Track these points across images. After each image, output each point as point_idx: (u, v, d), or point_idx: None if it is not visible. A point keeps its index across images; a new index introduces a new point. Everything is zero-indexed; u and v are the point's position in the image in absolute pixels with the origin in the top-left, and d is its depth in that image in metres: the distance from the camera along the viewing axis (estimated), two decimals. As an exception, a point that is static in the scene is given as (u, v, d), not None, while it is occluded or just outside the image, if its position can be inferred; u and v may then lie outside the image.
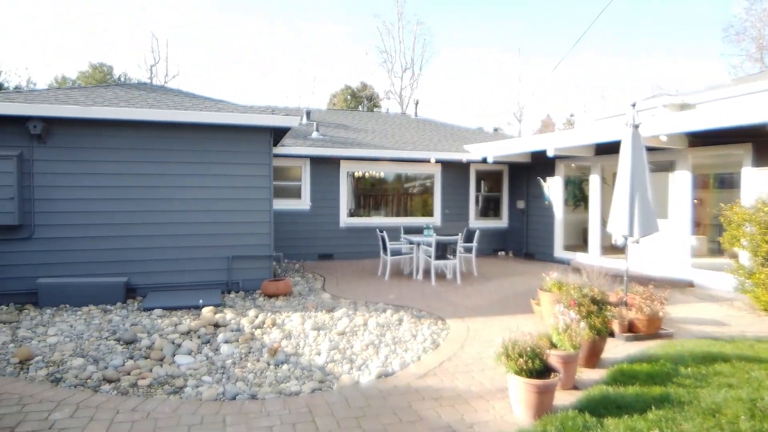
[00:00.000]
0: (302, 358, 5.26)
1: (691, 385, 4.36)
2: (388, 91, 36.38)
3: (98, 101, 8.00)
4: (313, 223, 12.31)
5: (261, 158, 8.48)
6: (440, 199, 13.43)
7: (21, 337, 5.79)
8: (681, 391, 4.21)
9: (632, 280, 8.64)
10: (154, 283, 7.98)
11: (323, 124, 14.41)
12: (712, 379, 4.48)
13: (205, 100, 9.12)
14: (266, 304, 7.59)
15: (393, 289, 8.77)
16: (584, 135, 10.30)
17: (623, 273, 6.68)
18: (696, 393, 4.17)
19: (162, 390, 4.42)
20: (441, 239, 9.31)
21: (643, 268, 9.88)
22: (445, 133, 15.30)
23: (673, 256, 9.50)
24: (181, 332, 5.99)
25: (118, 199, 7.82)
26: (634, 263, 10.15)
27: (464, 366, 5.01)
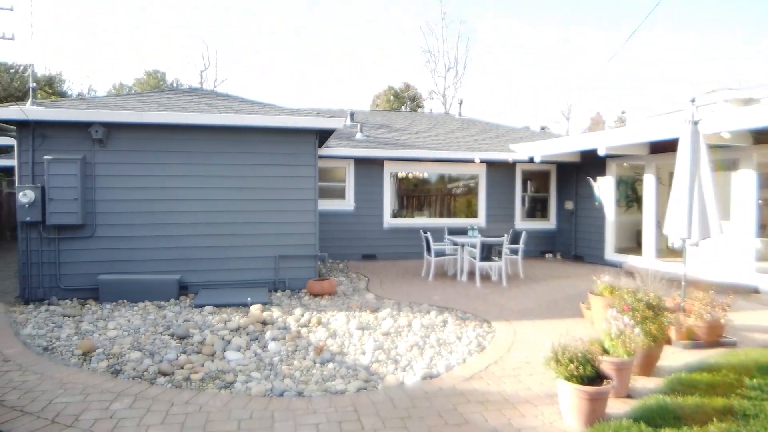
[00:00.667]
0: (347, 358, 5.31)
1: (757, 397, 4.10)
2: (431, 91, 36.23)
3: (153, 106, 8.37)
4: (357, 223, 12.41)
5: (307, 159, 8.62)
6: (485, 200, 13.23)
7: (84, 330, 6.13)
8: (746, 403, 3.97)
9: (690, 285, 8.22)
10: (204, 280, 8.26)
11: (367, 125, 14.50)
12: (781, 392, 4.19)
13: (253, 103, 9.37)
14: (311, 303, 7.70)
15: (437, 291, 8.71)
16: (638, 133, 9.89)
17: (680, 277, 6.36)
18: (762, 406, 3.91)
19: (213, 384, 4.57)
20: (486, 240, 9.17)
21: (702, 273, 9.37)
22: (489, 132, 15.07)
23: (735, 260, 8.96)
24: (230, 329, 6.17)
25: (172, 200, 8.15)
26: (692, 267, 9.65)
27: (511, 370, 4.91)
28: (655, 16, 43.58)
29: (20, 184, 7.57)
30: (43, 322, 6.45)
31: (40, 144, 7.66)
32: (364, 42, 50.49)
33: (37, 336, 5.85)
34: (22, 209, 7.49)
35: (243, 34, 49.09)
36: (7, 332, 5.95)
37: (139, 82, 35.29)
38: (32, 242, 7.65)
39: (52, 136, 7.70)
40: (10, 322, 6.42)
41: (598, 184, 12.04)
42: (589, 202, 12.32)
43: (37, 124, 7.58)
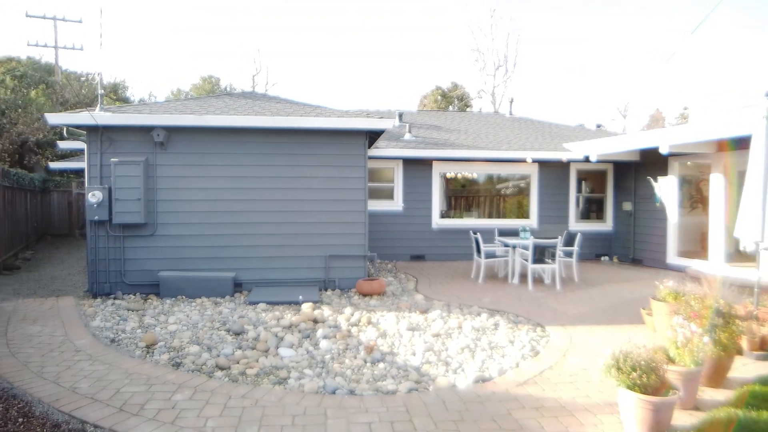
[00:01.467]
0: (397, 358, 5.30)
1: None
2: (480, 90, 35.70)
3: (210, 110, 8.68)
4: (405, 223, 12.39)
5: (357, 160, 8.69)
6: (537, 201, 12.88)
7: (146, 324, 6.43)
8: (832, 421, 3.64)
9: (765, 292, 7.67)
10: (258, 278, 8.48)
11: (415, 125, 14.46)
12: None
13: (304, 105, 9.54)
14: (361, 303, 7.75)
15: (487, 293, 8.56)
16: (704, 129, 9.32)
17: (752, 284, 5.95)
18: None
19: (268, 380, 4.67)
20: (539, 242, 8.92)
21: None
22: (542, 131, 14.67)
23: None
24: (283, 326, 6.30)
25: (227, 200, 8.43)
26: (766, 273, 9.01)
27: (567, 376, 4.74)
28: (721, 9, 41.22)
29: (89, 185, 8.05)
30: (109, 315, 6.83)
31: (107, 147, 8.11)
32: (411, 42, 50.47)
33: (105, 328, 6.19)
34: (91, 209, 7.96)
35: (292, 38, 50.25)
36: (78, 324, 6.34)
37: (195, 88, 36.80)
38: (100, 240, 8.12)
39: (118, 140, 8.14)
40: (81, 314, 6.83)
41: (660, 184, 11.45)
42: (650, 203, 11.74)
43: (105, 128, 8.03)
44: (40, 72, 24.36)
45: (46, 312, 6.96)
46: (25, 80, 23.07)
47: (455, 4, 48.47)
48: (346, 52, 52.06)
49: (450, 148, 12.53)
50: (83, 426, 3.65)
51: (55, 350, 5.32)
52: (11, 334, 5.86)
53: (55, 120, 7.98)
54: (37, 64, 25.91)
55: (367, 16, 50.91)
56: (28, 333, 5.93)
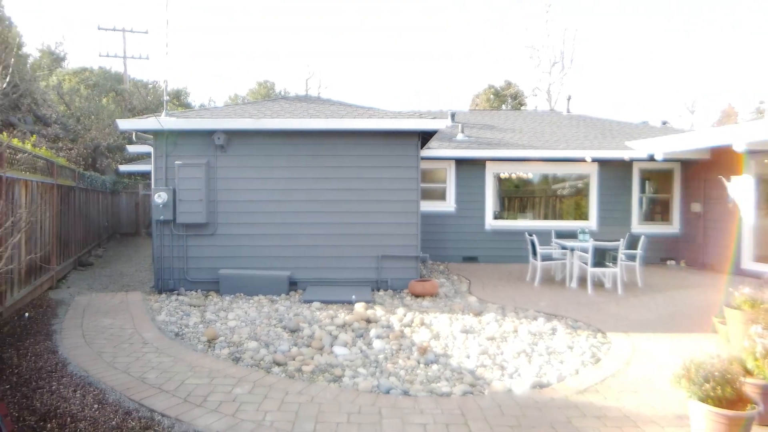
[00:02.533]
0: (451, 360, 5.23)
1: None
2: (534, 88, 34.81)
3: (267, 114, 8.94)
4: (457, 225, 12.25)
5: (409, 161, 8.68)
6: (597, 202, 12.38)
7: (207, 319, 6.70)
8: None
9: None
10: (312, 278, 8.64)
11: (468, 125, 14.27)
12: None
13: (357, 108, 9.64)
14: (413, 304, 7.73)
15: (544, 297, 8.30)
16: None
17: (844, 291, 5.42)
18: None
19: (323, 377, 4.74)
20: (599, 245, 8.57)
21: None
22: (602, 129, 14.09)
23: None
24: (337, 325, 6.38)
25: (283, 201, 8.64)
26: None
27: (631, 385, 4.52)
28: None
29: (155, 186, 8.49)
30: (173, 310, 7.16)
31: (171, 150, 8.52)
32: (463, 41, 49.93)
33: (169, 323, 6.50)
34: (156, 209, 8.39)
35: (343, 40, 50.98)
36: (145, 318, 6.69)
37: (252, 92, 38.04)
38: (164, 239, 8.54)
39: (181, 143, 8.53)
40: (147, 309, 7.21)
41: (733, 183, 10.71)
42: (721, 204, 11.00)
43: (169, 133, 8.45)
44: (110, 81, 25.98)
45: (117, 306, 7.39)
46: (97, 89, 24.70)
47: (509, 1, 47.56)
48: (396, 53, 52.26)
49: (504, 147, 12.28)
50: (152, 414, 3.84)
51: (125, 342, 5.63)
52: (86, 327, 6.26)
53: (125, 125, 8.48)
54: (108, 73, 27.67)
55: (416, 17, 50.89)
56: (100, 325, 6.32)
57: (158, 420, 3.75)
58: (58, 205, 9.26)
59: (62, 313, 6.93)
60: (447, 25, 50.65)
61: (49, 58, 28.26)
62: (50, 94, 19.80)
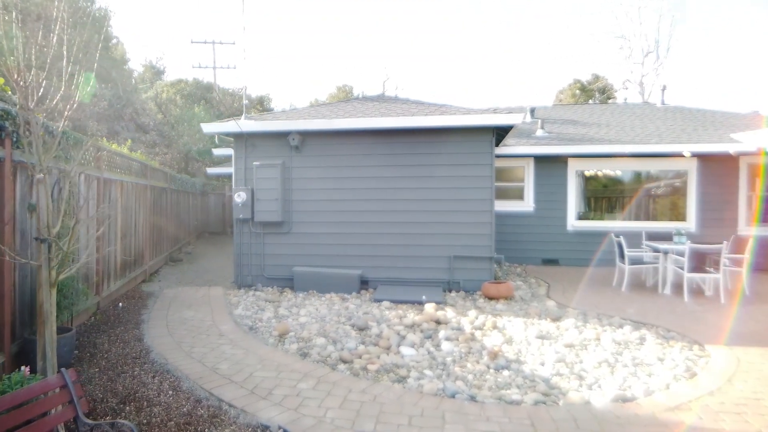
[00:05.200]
0: (524, 367, 4.92)
1: None
2: (625, 81, 32.65)
3: (340, 114, 9.05)
4: (536, 225, 11.67)
5: (483, 159, 8.37)
6: (696, 200, 11.22)
7: (280, 314, 6.86)
8: None
9: None
10: (383, 277, 8.60)
11: (549, 120, 13.58)
12: None
13: (429, 105, 9.48)
14: (486, 306, 7.42)
15: (632, 303, 7.63)
16: None
17: None
18: None
19: (387, 377, 4.64)
20: (697, 248, 7.73)
21: None
22: (702, 121, 12.78)
23: None
24: (405, 325, 6.27)
25: (355, 200, 8.68)
26: None
27: (732, 405, 3.96)
28: None
29: (236, 186, 8.88)
30: (250, 305, 7.43)
31: (250, 152, 8.88)
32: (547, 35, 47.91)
33: (245, 317, 6.74)
34: (236, 208, 8.77)
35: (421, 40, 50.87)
36: (223, 312, 6.99)
37: (331, 96, 39.09)
38: (243, 236, 8.91)
39: (259, 145, 8.86)
40: (226, 303, 7.53)
41: None
42: None
43: (248, 135, 8.81)
44: (202, 90, 27.86)
45: (199, 299, 7.80)
46: (191, 98, 26.59)
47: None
48: (475, 51, 51.26)
49: (587, 143, 11.52)
50: (220, 404, 3.95)
51: (203, 333, 5.90)
52: (170, 318, 6.65)
53: (209, 129, 8.95)
54: (200, 83, 29.72)
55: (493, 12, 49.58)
56: (183, 317, 6.68)
57: (225, 410, 3.85)
58: (151, 204, 9.99)
59: (151, 305, 7.43)
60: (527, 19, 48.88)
61: (150, 72, 30.94)
62: (149, 103, 21.59)
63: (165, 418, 3.68)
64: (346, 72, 54.23)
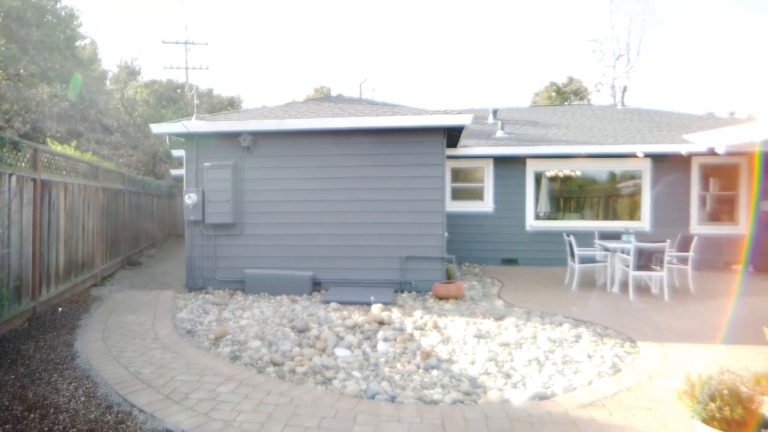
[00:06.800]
0: (454, 366, 4.93)
1: None
2: (598, 83, 33.21)
3: (293, 115, 8.99)
4: (496, 225, 11.75)
5: (434, 159, 8.39)
6: (650, 200, 11.42)
7: (223, 317, 6.77)
8: None
9: None
10: (336, 278, 8.56)
11: (511, 122, 13.70)
12: None
13: (383, 105, 9.49)
14: (435, 306, 7.43)
15: (579, 302, 7.72)
16: None
17: None
18: None
19: (313, 379, 4.60)
20: (642, 246, 7.86)
21: None
22: (658, 122, 13.02)
23: None
24: (347, 326, 6.23)
25: (309, 201, 8.63)
26: None
27: (648, 401, 4.02)
28: None
29: (187, 188, 8.76)
30: (196, 308, 7.31)
31: (202, 153, 8.77)
32: (524, 37, 48.42)
33: (187, 320, 6.63)
34: (187, 209, 8.65)
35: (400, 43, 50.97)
36: (167, 315, 6.86)
37: (308, 98, 38.97)
38: (195, 238, 8.79)
39: (210, 146, 8.76)
40: (172, 307, 7.41)
41: (808, 178, 9.50)
42: (795, 202, 9.80)
43: (198, 136, 8.70)
44: (174, 91, 27.52)
45: (147, 303, 7.66)
46: (163, 99, 26.25)
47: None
48: (453, 53, 51.55)
49: (545, 144, 11.65)
50: (131, 409, 3.86)
51: (138, 338, 5.78)
52: (110, 322, 6.51)
53: (158, 129, 8.82)
54: (174, 84, 29.34)
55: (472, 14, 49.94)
56: (123, 321, 6.55)
57: (135, 415, 3.76)
58: (103, 207, 9.79)
59: (94, 309, 7.27)
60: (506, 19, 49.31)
61: (125, 72, 30.48)
62: (115, 103, 21.23)
63: (68, 426, 3.58)
64: (324, 73, 54.09)
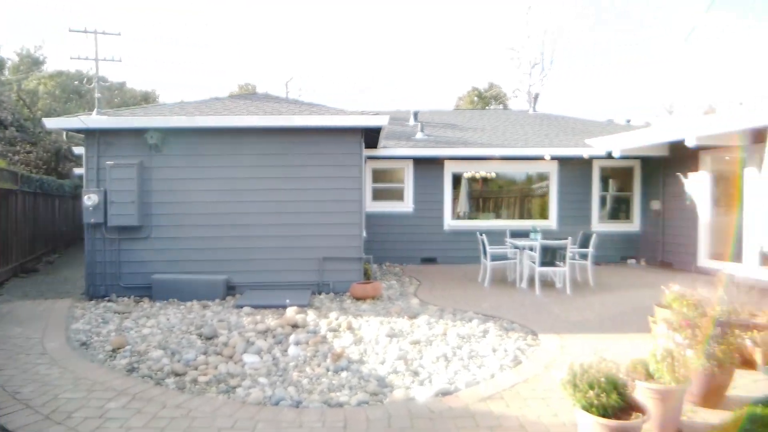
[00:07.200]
0: (364, 367, 4.93)
1: None
2: (515, 89, 34.85)
3: (207, 112, 8.62)
4: (416, 225, 11.98)
5: (352, 159, 8.39)
6: (556, 200, 12.16)
7: (124, 327, 6.35)
8: (844, 455, 3.02)
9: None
10: (252, 281, 8.31)
11: (431, 124, 14.03)
12: None
13: (300, 104, 9.37)
14: (351, 307, 7.43)
15: (490, 298, 8.04)
16: (735, 118, 8.46)
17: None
18: None
19: (216, 388, 4.42)
20: (546, 243, 8.33)
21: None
22: (565, 127, 13.90)
23: None
24: (259, 331, 6.05)
25: (223, 201, 8.31)
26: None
27: (542, 391, 4.24)
28: None
29: (86, 188, 8.12)
30: (94, 318, 6.80)
31: (104, 151, 8.17)
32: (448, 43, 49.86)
33: (82, 331, 6.14)
34: (87, 211, 8.03)
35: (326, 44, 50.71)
36: (59, 327, 6.32)
37: (233, 96, 37.72)
38: (96, 242, 8.18)
39: (114, 143, 8.19)
40: (68, 317, 6.84)
41: (690, 180, 10.53)
42: (679, 202, 10.83)
43: (100, 132, 8.10)
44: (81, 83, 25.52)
45: (39, 314, 7.01)
46: (68, 92, 24.22)
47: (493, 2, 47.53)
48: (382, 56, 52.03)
49: (462, 146, 12.04)
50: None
51: (23, 353, 5.28)
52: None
53: (51, 124, 8.13)
54: (83, 75, 27.18)
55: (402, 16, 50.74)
56: (7, 335, 5.94)
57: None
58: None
59: (-27, 323, 6.55)
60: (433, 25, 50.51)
61: (27, 62, 27.77)
62: (9, 95, 19.30)
63: None
64: (251, 71, 52.52)
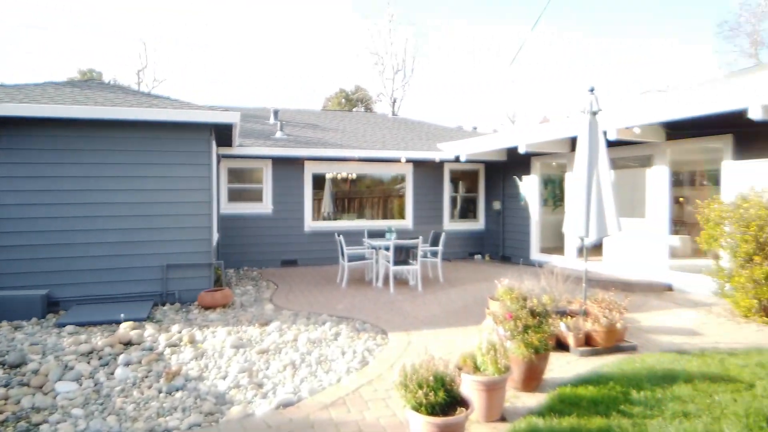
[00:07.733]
0: (203, 384, 4.58)
1: (640, 414, 3.67)
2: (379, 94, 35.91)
3: (19, 98, 7.36)
4: (275, 227, 11.65)
5: (200, 158, 7.82)
6: (412, 201, 12.74)
7: None
8: (625, 422, 3.52)
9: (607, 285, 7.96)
10: (82, 295, 7.31)
11: (292, 123, 13.77)
12: (666, 406, 3.79)
13: (141, 95, 8.50)
14: (198, 318, 6.91)
15: (346, 299, 8.09)
16: (556, 128, 9.61)
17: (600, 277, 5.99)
18: (644, 425, 3.48)
19: (14, 428, 3.74)
20: (400, 243, 8.63)
21: (620, 271, 9.17)
22: (419, 132, 14.63)
23: (650, 258, 8.79)
24: (81, 353, 5.31)
25: (47, 204, 7.16)
26: (610, 266, 9.46)
27: (384, 392, 4.32)
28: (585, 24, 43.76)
29: None
30: None
31: None
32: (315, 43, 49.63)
33: None
34: None
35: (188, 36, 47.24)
36: None
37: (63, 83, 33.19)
38: None
39: None
40: None
41: (524, 182, 11.76)
42: (516, 202, 12.04)
43: None
44: None
45: None
46: None
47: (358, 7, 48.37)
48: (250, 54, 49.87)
49: (322, 147, 12.00)
50: None
51: None
52: None
53: None
54: None
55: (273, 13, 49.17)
56: None
57: None
58: None
59: None
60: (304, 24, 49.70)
61: None
62: None
63: None
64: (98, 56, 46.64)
